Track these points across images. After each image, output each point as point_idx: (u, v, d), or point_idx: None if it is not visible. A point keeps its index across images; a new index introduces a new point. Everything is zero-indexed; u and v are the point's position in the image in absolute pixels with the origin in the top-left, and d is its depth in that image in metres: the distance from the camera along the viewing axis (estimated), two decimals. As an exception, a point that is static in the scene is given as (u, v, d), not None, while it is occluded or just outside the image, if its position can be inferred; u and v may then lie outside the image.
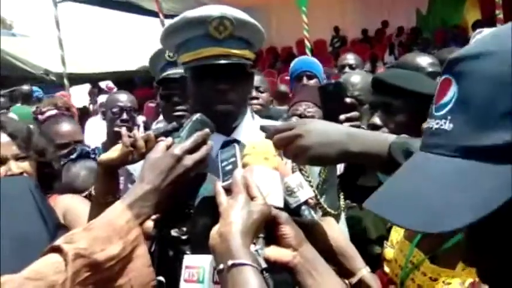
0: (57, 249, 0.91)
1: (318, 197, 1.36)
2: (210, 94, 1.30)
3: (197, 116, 1.13)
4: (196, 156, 1.06)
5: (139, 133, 1.42)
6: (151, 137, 1.35)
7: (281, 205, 0.95)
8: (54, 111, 3.00)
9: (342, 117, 1.63)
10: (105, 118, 3.26)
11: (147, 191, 1.01)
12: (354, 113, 1.65)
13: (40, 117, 3.27)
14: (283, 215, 0.91)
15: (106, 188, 1.41)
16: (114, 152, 1.39)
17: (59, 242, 0.92)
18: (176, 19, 1.33)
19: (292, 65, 3.75)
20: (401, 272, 1.25)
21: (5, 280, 0.86)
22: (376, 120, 1.64)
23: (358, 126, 1.70)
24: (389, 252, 1.36)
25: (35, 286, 0.86)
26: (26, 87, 7.84)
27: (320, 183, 1.39)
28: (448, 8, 12.26)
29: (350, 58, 3.78)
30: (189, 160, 1.05)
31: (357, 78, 2.28)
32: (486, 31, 3.66)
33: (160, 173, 1.03)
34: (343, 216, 1.47)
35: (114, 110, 3.00)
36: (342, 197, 1.48)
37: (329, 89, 1.66)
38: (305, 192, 1.05)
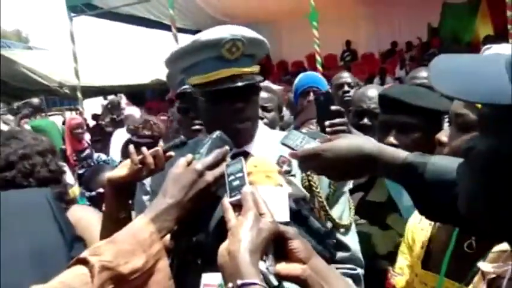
0: (84, 261, 0.94)
1: (327, 207, 1.37)
2: (228, 114, 1.33)
3: (217, 133, 1.17)
4: (217, 172, 1.09)
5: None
6: (159, 153, 1.34)
7: (288, 219, 0.97)
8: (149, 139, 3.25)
9: (327, 123, 1.80)
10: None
11: (170, 205, 1.04)
12: (339, 120, 1.81)
13: (134, 139, 3.41)
14: (291, 230, 0.92)
15: (117, 205, 1.37)
16: (123, 169, 1.36)
17: (85, 254, 0.95)
18: (187, 43, 1.34)
19: (297, 80, 3.66)
20: None
21: None
22: (393, 140, 1.65)
23: (345, 131, 1.80)
24: (400, 280, 1.33)
25: None
26: (36, 100, 7.91)
27: (330, 195, 1.40)
28: (459, 23, 12.21)
29: (346, 76, 3.67)
30: (210, 176, 1.08)
31: (373, 92, 2.33)
32: (494, 47, 3.66)
33: (182, 188, 1.06)
34: (353, 227, 1.47)
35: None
36: (352, 207, 1.49)
37: (320, 99, 1.88)
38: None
